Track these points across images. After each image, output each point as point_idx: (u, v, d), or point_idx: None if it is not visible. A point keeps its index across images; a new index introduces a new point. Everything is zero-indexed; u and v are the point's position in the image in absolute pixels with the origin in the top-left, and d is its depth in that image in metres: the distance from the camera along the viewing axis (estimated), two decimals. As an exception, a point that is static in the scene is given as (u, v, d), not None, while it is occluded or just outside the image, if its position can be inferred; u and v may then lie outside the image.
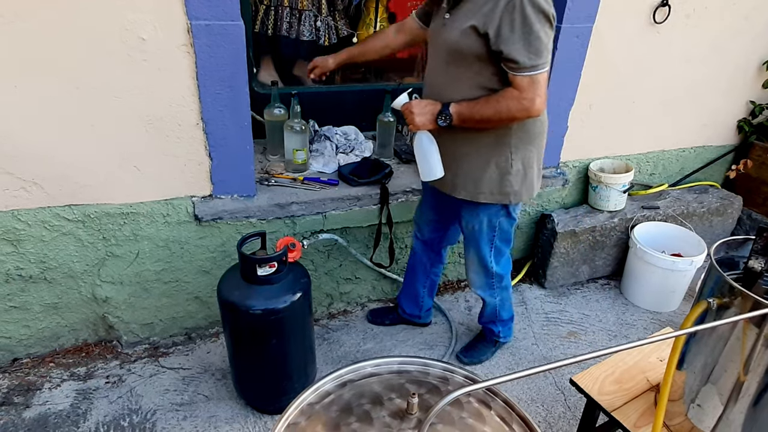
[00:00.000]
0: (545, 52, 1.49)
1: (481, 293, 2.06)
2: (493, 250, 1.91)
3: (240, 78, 1.86)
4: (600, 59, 2.41)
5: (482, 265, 1.96)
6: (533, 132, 1.69)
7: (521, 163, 1.70)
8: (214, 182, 2.02)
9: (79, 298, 2.04)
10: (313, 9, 2.69)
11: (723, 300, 1.21)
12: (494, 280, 2.00)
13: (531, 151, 1.71)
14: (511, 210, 1.82)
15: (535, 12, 1.44)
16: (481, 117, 1.58)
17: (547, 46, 1.48)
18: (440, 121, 1.62)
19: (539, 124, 1.70)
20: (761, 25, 2.72)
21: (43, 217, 1.85)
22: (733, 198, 2.97)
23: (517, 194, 1.74)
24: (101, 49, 1.67)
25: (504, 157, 1.68)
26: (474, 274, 2.02)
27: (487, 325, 2.19)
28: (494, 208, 1.79)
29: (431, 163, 1.69)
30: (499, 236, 1.88)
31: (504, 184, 1.71)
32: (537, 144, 1.73)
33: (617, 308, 2.66)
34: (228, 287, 1.77)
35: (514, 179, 1.71)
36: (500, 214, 1.81)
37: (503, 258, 1.98)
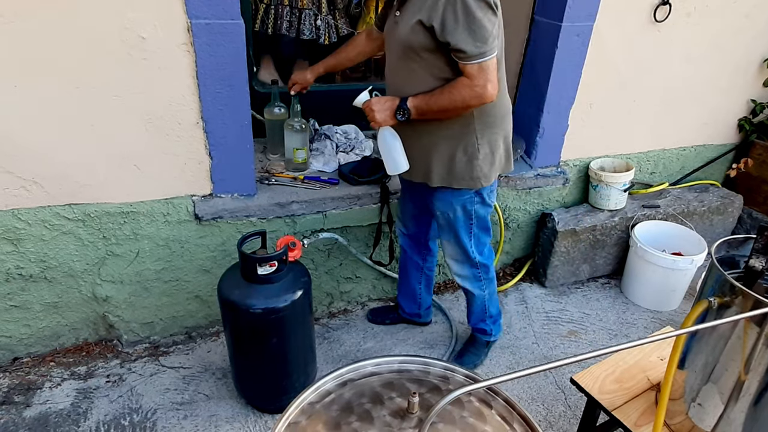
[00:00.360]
0: (490, 39, 1.51)
1: (470, 286, 2.04)
2: (473, 239, 1.91)
3: (240, 77, 1.86)
4: (600, 58, 2.41)
5: (464, 255, 1.95)
6: (496, 115, 1.73)
7: (488, 147, 1.74)
8: (215, 181, 2.02)
9: (80, 297, 2.04)
10: (313, 8, 2.68)
11: (724, 299, 1.20)
12: (480, 271, 1.99)
13: (496, 134, 1.75)
14: (485, 196, 1.83)
15: (476, 1, 1.47)
16: (438, 108, 1.63)
17: (491, 33, 1.51)
18: (399, 116, 1.67)
19: (501, 107, 1.74)
20: (762, 23, 2.72)
21: (44, 216, 1.85)
22: (734, 197, 2.97)
23: (487, 177, 1.77)
24: (101, 49, 1.67)
25: (471, 143, 1.72)
26: (457, 266, 2.01)
27: (478, 325, 2.17)
28: (467, 195, 1.81)
29: (395, 158, 1.74)
30: (477, 224, 1.88)
31: (474, 169, 1.74)
32: (502, 126, 1.76)
33: (618, 307, 2.65)
34: (228, 286, 1.77)
35: (483, 163, 1.74)
36: (474, 201, 1.82)
37: (485, 248, 1.98)
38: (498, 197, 2.53)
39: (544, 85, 2.40)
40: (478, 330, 2.19)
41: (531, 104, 2.52)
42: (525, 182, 2.57)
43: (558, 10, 2.26)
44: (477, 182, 1.76)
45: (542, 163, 2.61)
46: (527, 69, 2.52)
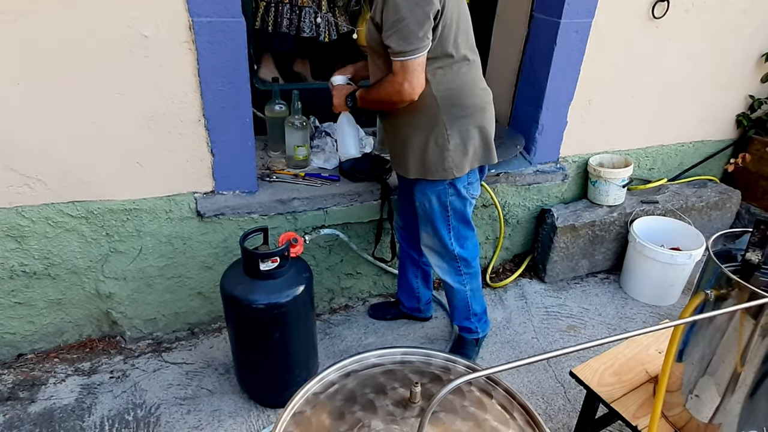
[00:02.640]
0: (415, 40, 1.55)
1: (448, 279, 2.04)
2: (452, 231, 1.92)
3: (241, 74, 1.87)
4: (599, 54, 2.42)
5: (443, 247, 1.96)
6: (466, 106, 1.75)
7: (459, 138, 1.76)
8: (216, 178, 2.03)
9: (83, 294, 2.06)
10: (313, 5, 2.69)
11: (720, 291, 1.22)
12: (459, 264, 1.99)
13: (468, 125, 1.77)
14: (460, 188, 1.84)
15: (406, 2, 1.52)
16: (372, 99, 1.76)
17: (416, 34, 1.55)
18: (348, 102, 1.83)
19: (472, 99, 1.76)
20: (760, 20, 2.73)
21: (47, 213, 1.86)
22: (732, 192, 2.99)
23: (459, 167, 1.79)
24: (104, 46, 1.68)
25: (441, 134, 1.75)
26: (435, 257, 2.01)
27: (463, 323, 2.16)
28: (441, 186, 1.83)
29: (346, 142, 1.92)
30: (454, 216, 1.90)
31: (445, 159, 1.77)
32: (476, 116, 1.78)
33: (617, 302, 2.68)
34: (231, 282, 1.79)
35: (454, 153, 1.77)
36: (449, 192, 1.84)
37: (467, 241, 1.98)
38: (497, 193, 2.55)
39: (543, 82, 2.42)
40: (464, 329, 2.18)
41: (530, 101, 2.53)
42: (524, 178, 2.58)
43: (557, 7, 2.27)
44: (449, 172, 1.78)
45: (541, 159, 2.62)
46: (526, 66, 2.53)
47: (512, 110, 2.68)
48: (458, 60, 1.70)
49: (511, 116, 2.69)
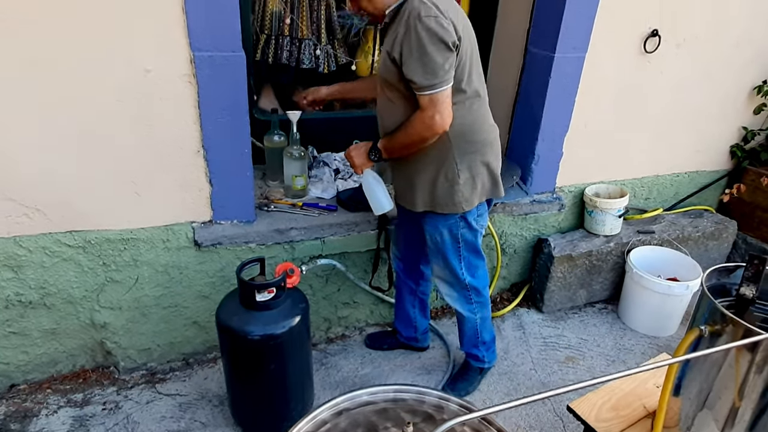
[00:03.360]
0: (441, 72, 1.57)
1: (459, 307, 2.05)
2: (463, 262, 1.93)
3: (241, 106, 1.90)
4: (593, 87, 2.47)
5: (454, 277, 1.97)
6: (475, 142, 1.77)
7: (468, 172, 1.78)
8: (214, 208, 2.05)
9: (78, 324, 2.05)
10: (312, 38, 2.75)
11: (715, 327, 1.22)
12: (470, 293, 2.00)
13: (477, 160, 1.79)
14: (471, 221, 1.86)
15: (429, 35, 1.53)
16: (401, 144, 1.72)
17: (443, 67, 1.56)
18: (372, 157, 1.81)
19: (481, 134, 1.78)
20: (750, 53, 2.79)
21: (45, 243, 1.87)
22: (728, 222, 3.00)
23: (468, 201, 1.81)
24: (106, 80, 1.71)
25: (450, 169, 1.76)
26: (446, 287, 2.02)
27: (471, 351, 2.17)
28: (452, 219, 1.84)
29: (379, 199, 1.87)
30: (465, 247, 1.91)
31: (455, 194, 1.78)
32: (484, 152, 1.80)
33: (615, 333, 2.66)
34: (227, 313, 1.78)
35: (464, 188, 1.78)
36: (460, 225, 1.85)
37: (478, 270, 1.99)
38: (494, 222, 2.56)
39: (539, 113, 2.45)
40: (471, 356, 2.19)
41: (526, 132, 2.56)
42: (521, 208, 2.60)
43: (551, 42, 2.32)
44: (459, 206, 1.80)
45: (538, 189, 2.64)
46: (522, 98, 2.58)
47: (509, 141, 2.71)
48: (471, 96, 1.72)
49: (508, 147, 2.73)
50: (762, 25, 2.72)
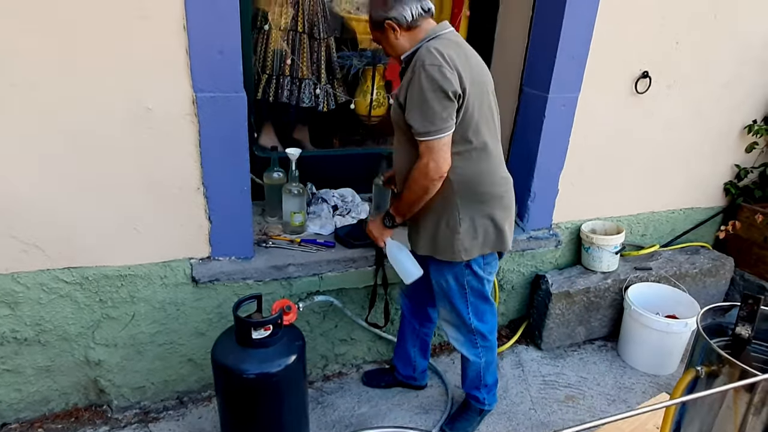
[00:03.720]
0: (438, 121, 1.60)
1: (465, 351, 2.03)
2: (470, 307, 1.92)
3: (241, 145, 1.94)
4: (587, 126, 2.52)
5: (461, 320, 1.96)
6: (482, 194, 1.77)
7: (470, 222, 1.78)
8: (213, 244, 2.06)
9: (72, 361, 2.03)
10: (312, 78, 2.82)
11: (711, 368, 1.22)
12: (476, 337, 1.98)
13: (482, 211, 1.78)
14: (476, 268, 1.85)
15: (429, 83, 1.58)
16: (407, 201, 1.75)
17: (440, 115, 1.60)
18: (387, 224, 1.86)
19: (487, 186, 1.77)
20: (741, 93, 2.86)
21: (42, 279, 1.87)
22: (725, 259, 3.01)
23: (468, 251, 1.80)
24: (110, 118, 1.75)
25: (452, 217, 1.77)
26: (453, 330, 2.01)
27: (472, 392, 2.14)
28: (458, 267, 1.84)
29: (406, 268, 1.88)
30: (472, 293, 1.90)
31: (455, 242, 1.79)
32: (490, 204, 1.79)
33: (615, 371, 2.63)
34: (222, 350, 1.77)
35: (464, 237, 1.78)
36: (465, 273, 1.85)
37: (485, 315, 1.98)
38: (492, 259, 2.57)
39: (534, 151, 2.50)
40: (472, 396, 2.16)
41: (522, 169, 2.60)
42: (518, 244, 2.61)
43: (544, 83, 2.38)
44: (458, 255, 1.80)
45: (534, 226, 2.66)
46: (518, 136, 2.63)
47: (505, 178, 2.75)
48: (477, 147, 1.72)
49: (504, 183, 2.76)
50: (750, 66, 2.79)
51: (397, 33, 1.71)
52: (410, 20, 1.69)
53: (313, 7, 2.74)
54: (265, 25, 2.69)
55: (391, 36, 1.72)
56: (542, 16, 2.38)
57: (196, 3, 1.70)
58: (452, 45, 1.67)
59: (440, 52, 1.60)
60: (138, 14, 1.66)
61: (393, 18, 1.69)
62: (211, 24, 1.74)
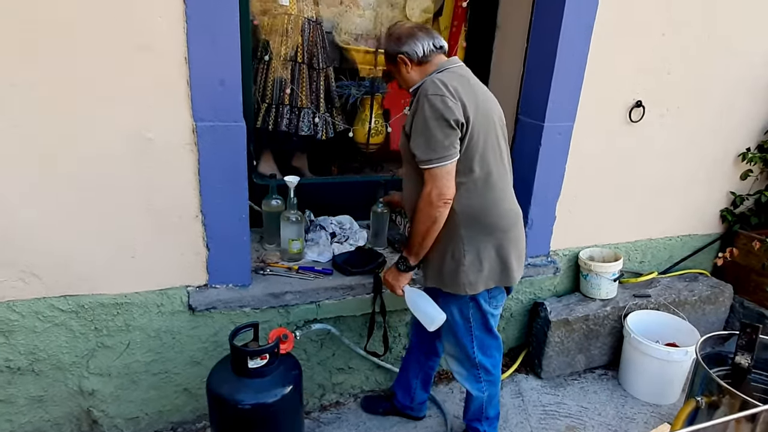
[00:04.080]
0: (440, 149, 1.62)
1: (468, 386, 2.01)
2: (475, 342, 1.90)
3: (240, 173, 1.95)
4: (583, 154, 2.55)
5: (464, 355, 1.94)
6: (487, 225, 1.76)
7: (475, 255, 1.77)
8: (210, 272, 2.05)
9: (66, 391, 2.00)
10: (311, 107, 2.86)
11: (712, 398, 1.21)
12: (480, 371, 1.96)
13: (487, 244, 1.77)
14: (481, 302, 1.84)
15: (432, 112, 1.61)
16: (418, 232, 1.74)
17: (442, 143, 1.62)
18: (401, 268, 1.85)
19: (492, 218, 1.76)
20: (734, 122, 2.90)
21: (38, 308, 1.86)
22: (724, 286, 3.00)
23: (472, 285, 1.79)
24: (110, 148, 1.77)
25: (458, 249, 1.77)
26: (456, 364, 1.99)
27: (472, 424, 2.11)
28: (463, 300, 1.83)
29: (427, 313, 1.83)
30: (476, 327, 1.88)
31: (459, 275, 1.78)
32: (495, 237, 1.78)
33: (616, 400, 2.59)
34: (217, 380, 1.75)
35: (469, 270, 1.77)
36: (470, 306, 1.84)
37: (490, 349, 1.95)
38: (490, 286, 2.56)
39: (531, 179, 2.52)
40: (472, 429, 2.13)
41: (519, 197, 2.56)
42: (516, 272, 2.60)
43: (540, 112, 2.42)
44: (462, 288, 1.79)
45: (532, 253, 2.66)
46: (515, 164, 2.62)
47: (502, 205, 2.76)
48: (482, 177, 1.72)
49: (502, 211, 2.77)
50: (742, 97, 2.84)
51: (409, 67, 1.77)
52: (421, 55, 1.75)
53: (313, 38, 2.80)
54: (266, 56, 2.74)
55: (402, 69, 1.78)
56: (537, 47, 2.43)
57: (198, 35, 1.74)
58: (456, 77, 1.70)
59: (444, 82, 1.64)
60: (140, 46, 1.70)
61: (405, 53, 1.75)
62: (212, 55, 1.78)
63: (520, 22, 2.57)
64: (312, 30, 2.80)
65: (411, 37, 1.74)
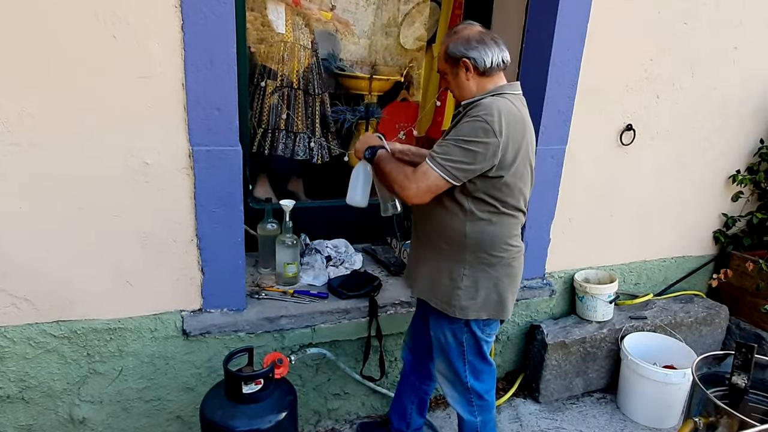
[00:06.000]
0: (450, 165, 1.57)
1: (459, 409, 1.96)
2: (468, 366, 1.87)
3: (235, 197, 1.96)
4: (575, 176, 2.58)
5: (456, 377, 1.90)
6: (493, 256, 1.73)
7: (473, 281, 1.73)
8: (205, 296, 2.04)
9: (55, 419, 1.96)
10: (307, 132, 2.90)
11: (710, 419, 1.20)
12: (472, 396, 1.92)
13: (488, 273, 1.74)
14: (475, 329, 1.80)
15: (472, 132, 1.55)
16: (385, 170, 1.73)
17: (456, 163, 1.57)
18: (366, 154, 1.84)
19: (502, 251, 1.73)
20: (723, 145, 2.94)
21: (30, 333, 1.84)
22: (719, 307, 3.00)
23: (463, 309, 1.75)
24: (106, 173, 1.78)
25: (457, 271, 1.74)
26: (447, 386, 1.95)
27: None
28: (457, 324, 1.79)
29: (354, 188, 1.90)
30: (469, 352, 1.85)
31: (452, 296, 1.75)
32: (498, 269, 1.74)
33: (615, 425, 2.56)
34: (211, 406, 1.72)
35: (463, 294, 1.74)
36: (464, 330, 1.81)
37: (483, 374, 1.91)
38: (486, 309, 2.55)
39: (525, 202, 2.54)
40: None
41: (513, 219, 2.63)
42: (512, 294, 2.60)
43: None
44: (452, 310, 1.76)
45: (528, 275, 2.66)
46: (508, 187, 2.67)
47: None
48: (505, 214, 1.69)
49: (496, 233, 2.78)
50: (730, 120, 2.90)
51: (470, 74, 1.68)
52: (489, 66, 1.67)
53: (308, 65, 2.85)
54: (262, 82, 2.78)
55: (462, 75, 1.69)
56: (528, 72, 2.48)
57: (195, 62, 1.77)
58: (513, 110, 1.64)
59: (501, 112, 1.57)
60: (138, 75, 1.72)
61: (472, 58, 1.65)
62: (209, 82, 1.80)
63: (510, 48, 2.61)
64: (307, 57, 2.85)
65: (481, 43, 1.65)
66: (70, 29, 1.62)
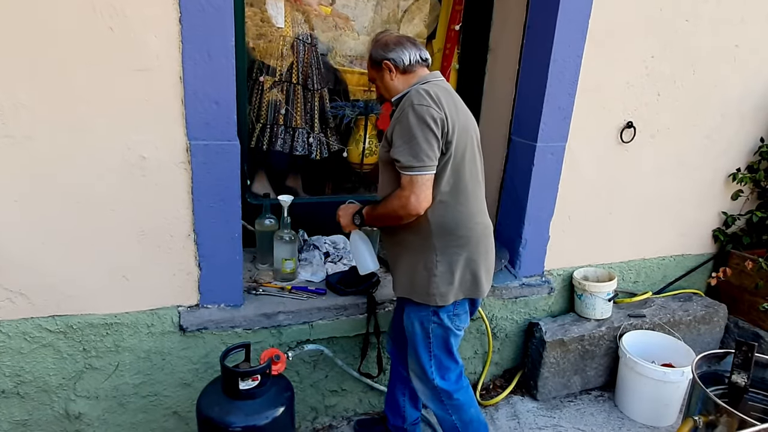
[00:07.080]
0: (424, 157, 1.63)
1: (432, 407, 1.94)
2: (433, 360, 1.86)
3: (233, 192, 1.95)
4: (575, 174, 2.57)
5: (423, 372, 1.89)
6: (459, 236, 1.77)
7: (446, 266, 1.77)
8: (202, 292, 2.03)
9: (51, 415, 1.95)
10: (306, 127, 2.88)
11: (709, 418, 1.19)
12: (441, 394, 1.89)
13: (458, 255, 1.77)
14: (443, 317, 1.80)
15: (417, 121, 1.63)
16: (378, 214, 1.80)
17: (426, 152, 1.63)
18: (355, 220, 1.90)
19: (465, 230, 1.77)
20: (724, 143, 2.93)
21: (25, 328, 1.82)
22: (718, 306, 3.00)
23: (443, 296, 1.78)
24: (103, 167, 1.76)
25: (430, 259, 1.77)
26: (417, 382, 1.94)
27: None
28: (425, 312, 1.81)
29: (363, 258, 1.95)
30: (435, 343, 1.84)
31: (430, 285, 1.77)
32: (467, 249, 1.78)
33: (613, 423, 2.56)
34: (208, 402, 1.71)
35: (440, 281, 1.76)
36: (431, 319, 1.81)
37: (450, 373, 1.88)
38: (484, 306, 2.55)
39: (524, 199, 2.53)
40: None
41: (513, 216, 2.62)
42: (510, 291, 2.60)
43: (532, 132, 2.44)
44: (432, 299, 1.77)
45: (527, 273, 2.66)
46: (507, 184, 2.66)
47: (496, 225, 2.76)
48: (459, 190, 1.75)
49: (496, 231, 2.76)
50: (730, 118, 2.88)
51: (393, 74, 1.79)
52: (407, 64, 1.78)
53: (308, 60, 2.83)
54: (261, 77, 2.76)
55: (386, 76, 1.80)
56: (528, 69, 2.47)
57: (193, 56, 1.76)
58: (441, 89, 1.73)
59: (429, 93, 1.67)
60: (136, 67, 1.71)
61: (391, 59, 1.78)
62: (207, 76, 1.79)
63: (511, 45, 2.61)
64: (307, 52, 2.83)
65: (398, 45, 1.78)
66: (66, 21, 1.61)
